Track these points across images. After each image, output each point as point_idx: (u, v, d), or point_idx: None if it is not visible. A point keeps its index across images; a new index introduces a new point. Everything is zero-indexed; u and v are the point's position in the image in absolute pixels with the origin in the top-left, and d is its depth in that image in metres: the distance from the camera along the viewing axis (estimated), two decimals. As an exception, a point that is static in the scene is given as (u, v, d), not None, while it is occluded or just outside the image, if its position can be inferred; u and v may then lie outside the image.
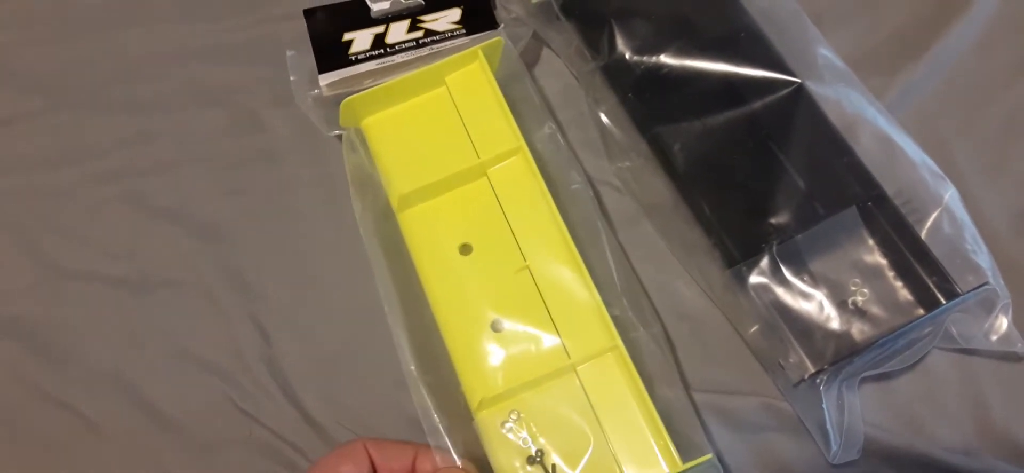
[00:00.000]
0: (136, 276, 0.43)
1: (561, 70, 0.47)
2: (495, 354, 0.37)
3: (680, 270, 0.42)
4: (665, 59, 0.42)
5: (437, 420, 0.36)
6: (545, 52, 0.48)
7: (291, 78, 0.43)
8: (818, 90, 0.40)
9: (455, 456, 0.35)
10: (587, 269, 0.38)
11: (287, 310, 0.42)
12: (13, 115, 0.48)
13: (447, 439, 0.36)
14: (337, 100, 0.42)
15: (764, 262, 0.38)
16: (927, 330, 0.38)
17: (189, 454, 0.39)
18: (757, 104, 0.40)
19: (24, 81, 0.48)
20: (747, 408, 0.39)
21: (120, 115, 0.47)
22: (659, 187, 0.42)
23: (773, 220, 0.39)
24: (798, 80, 0.40)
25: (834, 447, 0.36)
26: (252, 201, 0.45)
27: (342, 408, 0.40)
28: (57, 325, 0.42)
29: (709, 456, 0.35)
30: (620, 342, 0.36)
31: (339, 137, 0.43)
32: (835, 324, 0.37)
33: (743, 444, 0.38)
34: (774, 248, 0.38)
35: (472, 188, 0.41)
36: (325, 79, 0.43)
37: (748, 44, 0.42)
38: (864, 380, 0.38)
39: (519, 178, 0.41)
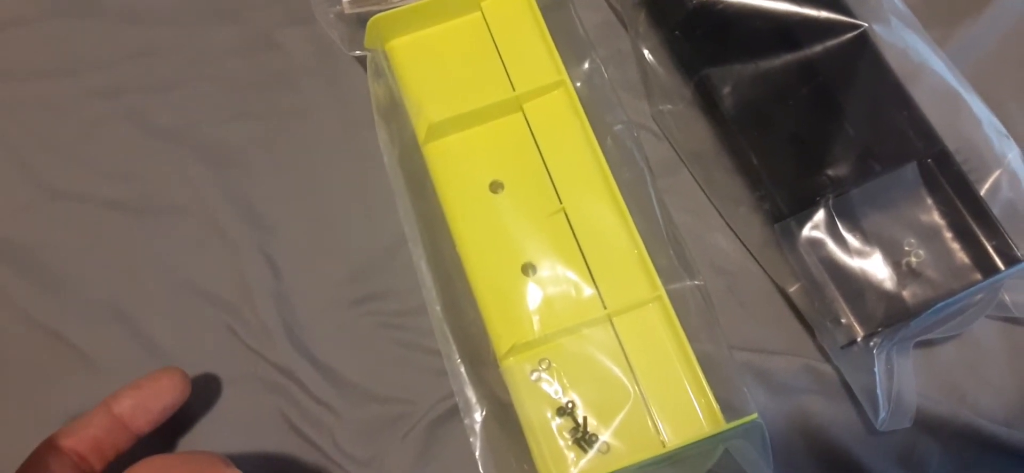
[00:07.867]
0: (136, 199, 0.40)
1: (598, 2, 0.44)
2: (525, 299, 0.35)
3: (718, 222, 0.40)
4: (719, -6, 0.39)
5: (460, 364, 0.34)
6: (581, -18, 0.45)
7: (311, -9, 0.40)
8: (883, 36, 0.38)
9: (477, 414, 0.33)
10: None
11: (299, 243, 0.39)
12: (3, 20, 0.44)
13: (470, 385, 0.34)
14: (359, 19, 0.39)
15: (818, 216, 0.36)
16: (979, 296, 0.36)
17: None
18: (817, 48, 0.38)
19: (16, -17, 0.45)
20: (785, 369, 0.37)
21: (121, 26, 0.44)
22: (701, 134, 0.39)
23: (827, 173, 0.36)
24: (864, 24, 0.38)
25: (883, 414, 0.34)
26: (264, 125, 0.42)
27: (353, 350, 0.37)
28: (50, 248, 0.39)
29: (754, 416, 0.33)
30: (664, 293, 0.34)
31: (359, 59, 0.40)
32: (888, 286, 0.35)
33: (779, 405, 0.37)
34: (830, 202, 0.35)
35: (505, 122, 0.38)
36: (348, -4, 0.39)
37: (809, -19, 0.39)
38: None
39: (558, 114, 0.38)
